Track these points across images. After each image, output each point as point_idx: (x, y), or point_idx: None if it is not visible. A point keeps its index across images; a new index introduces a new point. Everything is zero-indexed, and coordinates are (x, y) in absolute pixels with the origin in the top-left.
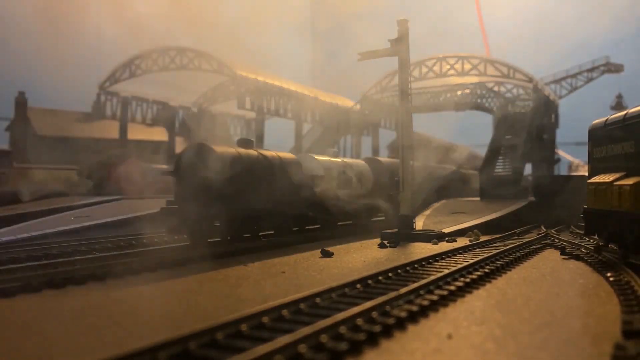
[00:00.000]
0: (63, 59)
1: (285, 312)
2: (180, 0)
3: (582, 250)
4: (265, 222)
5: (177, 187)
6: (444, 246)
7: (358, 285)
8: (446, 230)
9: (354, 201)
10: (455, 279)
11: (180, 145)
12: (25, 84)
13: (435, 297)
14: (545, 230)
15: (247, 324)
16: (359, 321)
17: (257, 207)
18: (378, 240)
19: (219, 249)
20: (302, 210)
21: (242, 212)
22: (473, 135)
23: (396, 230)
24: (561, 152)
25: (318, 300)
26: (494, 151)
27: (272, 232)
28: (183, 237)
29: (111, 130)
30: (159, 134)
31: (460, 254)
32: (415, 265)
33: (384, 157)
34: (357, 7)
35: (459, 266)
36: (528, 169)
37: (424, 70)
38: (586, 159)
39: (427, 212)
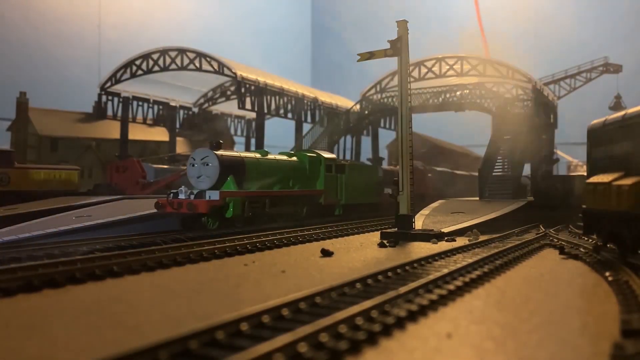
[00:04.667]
0: (64, 59)
1: (285, 311)
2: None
3: (581, 249)
4: None
5: None
6: (443, 246)
7: (358, 285)
8: (445, 230)
9: None
10: (455, 279)
11: (180, 145)
12: (26, 85)
13: (434, 297)
14: (544, 229)
15: (248, 323)
16: (359, 320)
17: None
18: (378, 240)
19: None
20: None
21: None
22: (472, 135)
23: (396, 230)
24: (560, 152)
25: (318, 299)
26: (493, 151)
27: None
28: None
29: (112, 131)
30: (160, 134)
31: (460, 253)
32: (415, 265)
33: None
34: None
35: (458, 265)
36: (527, 169)
37: (423, 70)
38: (585, 159)
39: (426, 211)
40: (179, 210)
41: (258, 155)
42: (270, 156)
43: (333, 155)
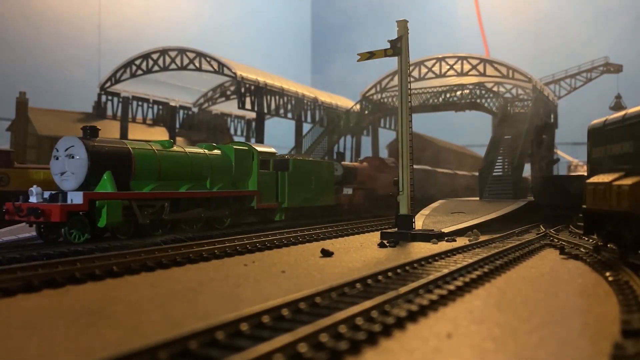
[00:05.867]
0: (64, 59)
1: (285, 312)
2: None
3: (581, 250)
4: None
5: None
6: (444, 246)
7: (358, 285)
8: (445, 230)
9: None
10: (455, 279)
11: None
12: (26, 85)
13: (434, 297)
14: (544, 230)
15: (247, 323)
16: (359, 320)
17: None
18: (378, 240)
19: None
20: None
21: None
22: (472, 135)
23: (396, 230)
24: (560, 152)
25: (318, 299)
26: (493, 151)
27: None
28: None
29: (112, 130)
30: (160, 134)
31: (460, 253)
32: (415, 265)
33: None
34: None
35: (459, 266)
36: (527, 169)
37: (424, 70)
38: (585, 159)
39: (427, 211)
40: (28, 218)
41: (158, 147)
42: (176, 148)
43: (272, 149)
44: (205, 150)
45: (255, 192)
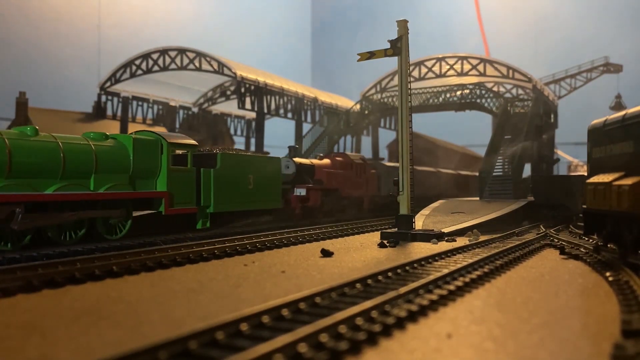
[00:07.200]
0: (64, 59)
1: (285, 312)
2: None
3: (581, 250)
4: None
5: None
6: (444, 246)
7: (358, 285)
8: (446, 230)
9: None
10: (455, 279)
11: None
12: (26, 85)
13: (434, 297)
14: (544, 230)
15: (247, 323)
16: (359, 320)
17: None
18: (378, 240)
19: None
20: None
21: None
22: (472, 135)
23: (396, 230)
24: (560, 152)
25: (318, 299)
26: (493, 151)
27: None
28: None
29: (112, 130)
30: None
31: (460, 253)
32: (415, 265)
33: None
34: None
35: (459, 266)
36: (527, 169)
37: (424, 70)
38: (585, 159)
39: (427, 211)
40: None
41: (12, 135)
42: (43, 137)
43: (190, 141)
44: (90, 141)
45: (163, 193)
